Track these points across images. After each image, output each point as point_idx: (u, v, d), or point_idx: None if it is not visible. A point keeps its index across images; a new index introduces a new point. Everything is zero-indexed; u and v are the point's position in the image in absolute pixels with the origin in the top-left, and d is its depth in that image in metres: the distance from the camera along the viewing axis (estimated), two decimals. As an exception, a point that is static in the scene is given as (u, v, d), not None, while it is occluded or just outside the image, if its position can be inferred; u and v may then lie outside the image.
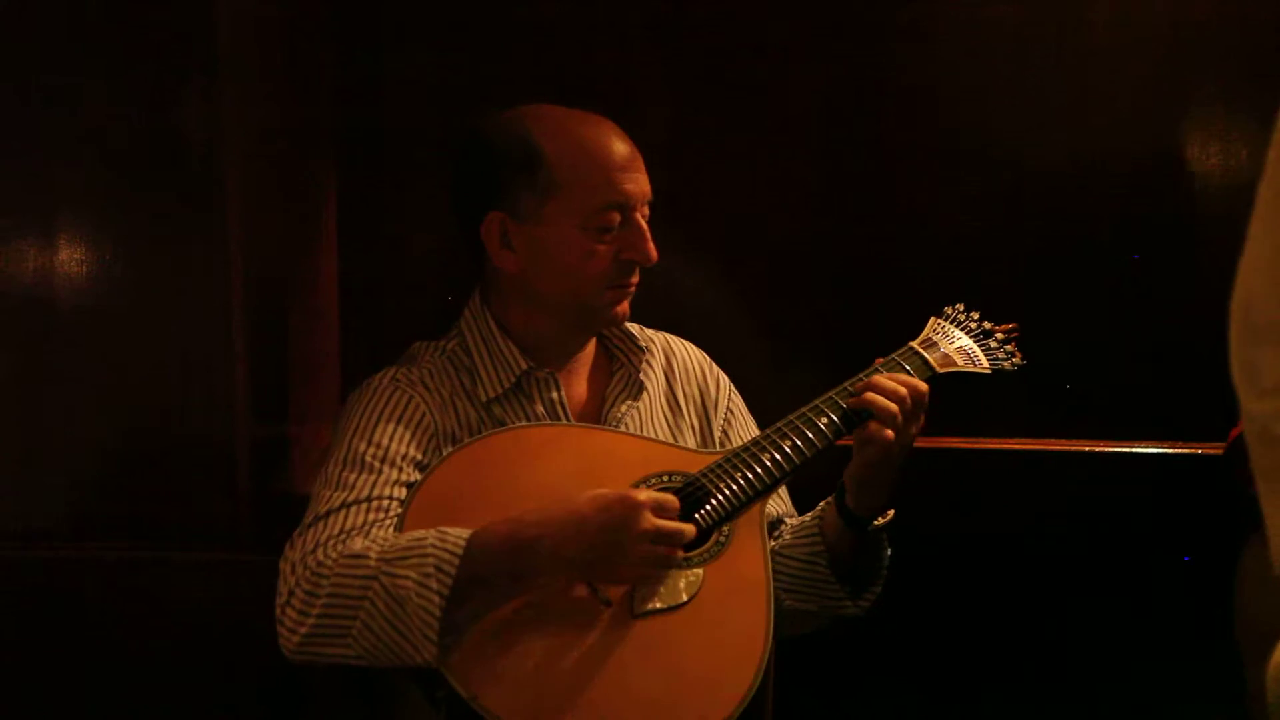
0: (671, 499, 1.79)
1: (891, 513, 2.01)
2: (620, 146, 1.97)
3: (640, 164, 1.99)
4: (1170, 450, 2.58)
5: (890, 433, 1.90)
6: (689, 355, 2.19)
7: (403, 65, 2.67)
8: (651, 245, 1.97)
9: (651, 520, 1.75)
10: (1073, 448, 2.60)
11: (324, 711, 2.32)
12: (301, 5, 2.54)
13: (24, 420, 2.34)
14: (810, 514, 2.09)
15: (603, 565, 1.76)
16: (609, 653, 1.76)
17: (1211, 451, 2.38)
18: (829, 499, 2.03)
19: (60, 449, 2.33)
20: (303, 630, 1.76)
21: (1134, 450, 2.59)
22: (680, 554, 1.80)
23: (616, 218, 1.95)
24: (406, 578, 1.71)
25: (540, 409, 2.00)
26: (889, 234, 2.68)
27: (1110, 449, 2.59)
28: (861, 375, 1.99)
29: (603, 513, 1.74)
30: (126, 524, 2.34)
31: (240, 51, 2.31)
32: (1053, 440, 2.62)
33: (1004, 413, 2.61)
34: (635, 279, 2.00)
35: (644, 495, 1.76)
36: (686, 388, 2.15)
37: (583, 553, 1.74)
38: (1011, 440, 2.62)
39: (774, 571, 1.91)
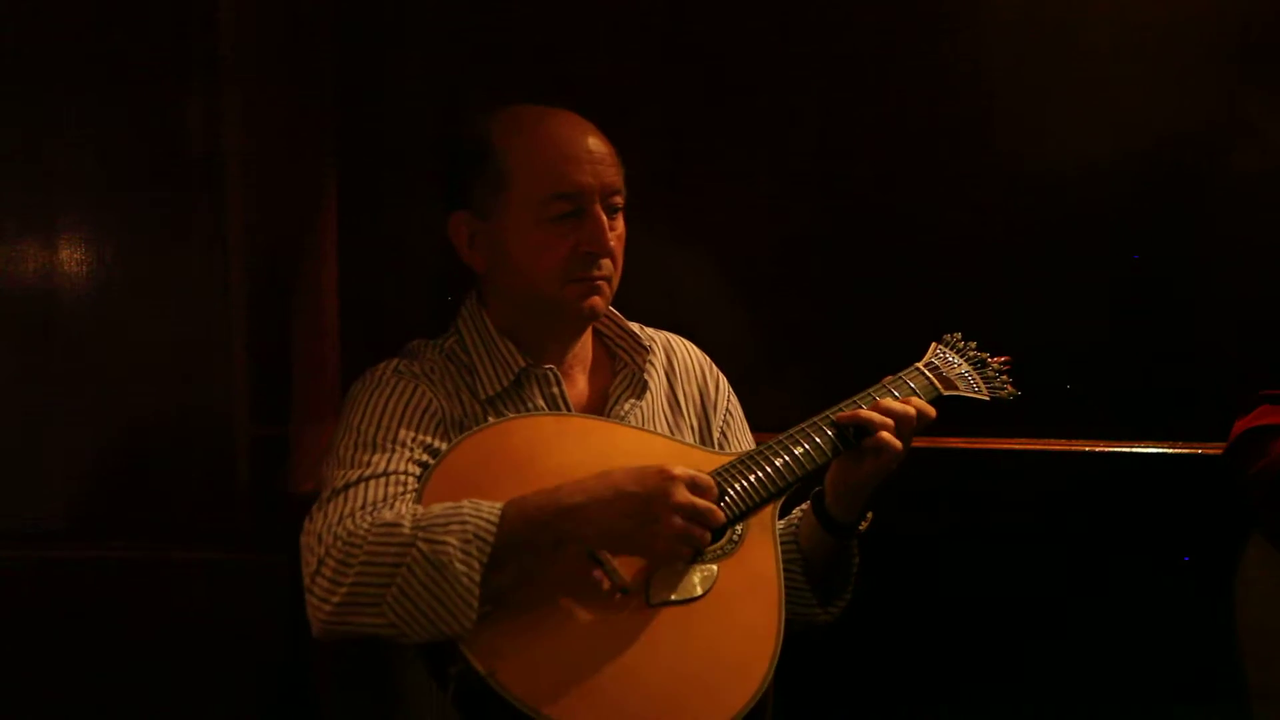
0: (708, 479, 1.79)
1: (870, 515, 2.02)
2: (576, 138, 1.96)
3: (603, 157, 1.97)
4: (1170, 450, 2.58)
5: (900, 445, 1.93)
6: (690, 355, 2.19)
7: (403, 66, 2.67)
8: (608, 237, 1.95)
9: (685, 494, 1.75)
10: (1073, 448, 2.60)
11: (325, 711, 2.32)
12: (302, 6, 2.54)
13: (24, 420, 2.33)
14: (783, 522, 2.09)
15: (636, 535, 1.76)
16: (624, 640, 1.77)
17: (1211, 451, 2.38)
18: (803, 507, 2.04)
19: (60, 449, 2.33)
20: (335, 599, 1.73)
21: (1134, 450, 2.59)
22: (709, 536, 1.80)
23: (567, 208, 1.94)
24: (446, 544, 1.69)
25: (541, 404, 2.00)
26: (889, 235, 2.68)
27: (1110, 449, 2.59)
28: (870, 391, 2.01)
29: (639, 482, 1.75)
30: (126, 524, 2.34)
31: (241, 52, 2.31)
32: (1053, 440, 2.62)
33: (1004, 413, 2.61)
34: (600, 272, 1.97)
35: (680, 470, 1.76)
36: (687, 387, 2.15)
37: (618, 521, 1.75)
38: (1011, 440, 2.62)
39: None
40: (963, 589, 2.59)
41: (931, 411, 1.99)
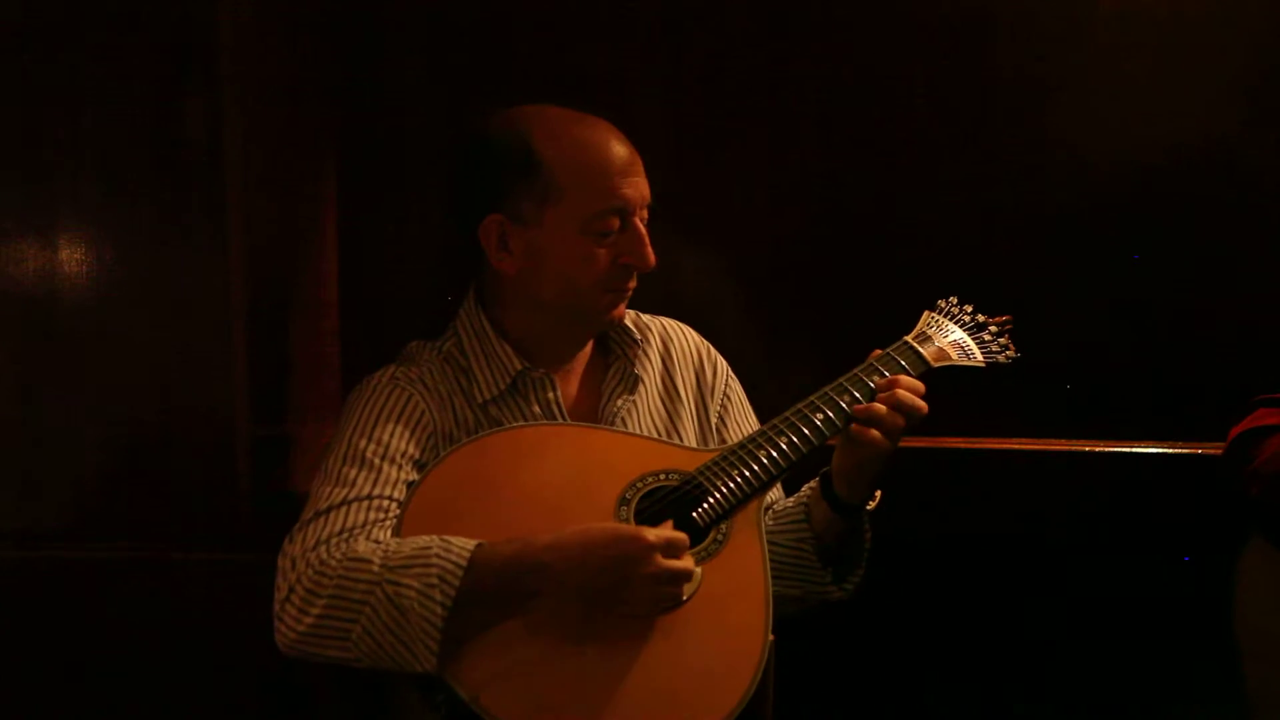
0: (681, 537, 1.78)
1: (879, 494, 2.01)
2: (620, 150, 1.97)
3: (639, 167, 1.98)
4: (1170, 450, 2.58)
5: (887, 441, 1.91)
6: (686, 340, 2.19)
7: (403, 65, 2.67)
8: (650, 250, 1.97)
9: (660, 563, 1.75)
10: (1073, 448, 2.60)
11: (324, 712, 2.32)
12: (302, 6, 2.54)
13: (24, 420, 2.34)
14: (794, 499, 2.09)
15: (606, 597, 1.76)
16: (608, 652, 1.76)
17: (1211, 451, 2.38)
18: (813, 484, 2.03)
19: (60, 449, 2.33)
20: (301, 628, 1.75)
21: (1134, 450, 2.59)
22: (682, 595, 1.80)
23: (616, 223, 1.95)
24: (410, 587, 1.71)
25: (536, 409, 2.00)
26: (888, 232, 2.68)
27: (1110, 449, 2.59)
28: (857, 371, 1.99)
29: (613, 547, 1.74)
30: (126, 524, 2.34)
31: (241, 52, 2.31)
32: (1053, 440, 2.61)
33: (1004, 413, 2.61)
34: (633, 283, 2.00)
35: (654, 536, 1.75)
36: (684, 374, 2.15)
37: (587, 583, 1.75)
38: (1011, 440, 2.62)
39: None
40: (962, 589, 2.59)
41: (920, 387, 1.96)
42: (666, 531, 1.78)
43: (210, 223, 2.30)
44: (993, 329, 2.13)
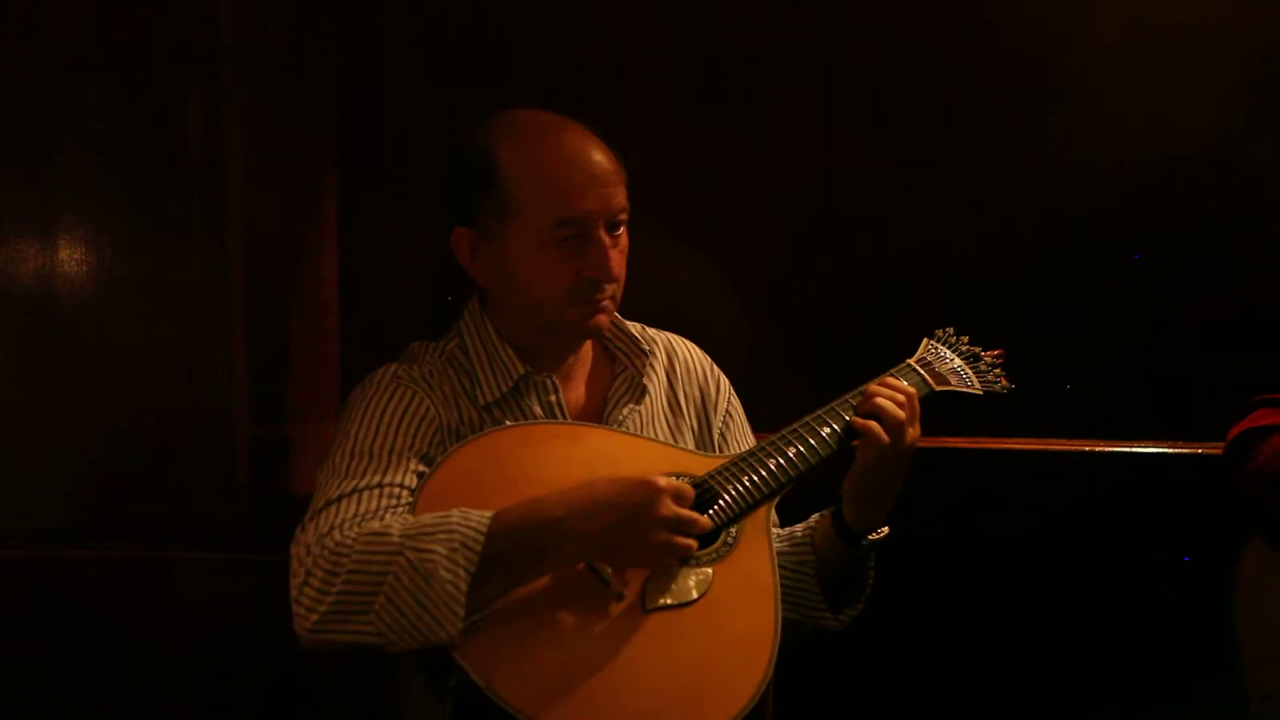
0: (688, 488, 1.80)
1: (885, 530, 2.02)
2: (581, 158, 1.94)
3: (607, 175, 1.95)
4: (1170, 450, 2.58)
5: (887, 436, 1.91)
6: (691, 356, 2.19)
7: (403, 66, 2.67)
8: (612, 263, 1.94)
9: (670, 506, 1.76)
10: (1073, 448, 2.60)
11: (324, 712, 2.32)
12: (303, 7, 2.55)
13: (24, 420, 2.34)
14: (802, 524, 2.09)
15: (620, 547, 1.76)
16: (621, 646, 1.76)
17: (1211, 451, 2.38)
18: (824, 511, 2.04)
19: (60, 449, 2.33)
20: (322, 609, 1.73)
21: (1134, 450, 2.59)
22: (695, 545, 1.81)
23: (572, 232, 1.93)
24: (434, 551, 1.70)
25: (539, 411, 2.00)
26: (888, 236, 2.68)
27: (1110, 449, 2.59)
28: (862, 389, 2.00)
29: (622, 494, 1.76)
30: (126, 524, 2.34)
31: (241, 52, 2.31)
32: (1053, 440, 2.62)
33: (1004, 413, 2.61)
34: (603, 295, 1.97)
35: (664, 481, 1.77)
36: (688, 388, 2.15)
37: (601, 533, 1.75)
38: (1011, 440, 2.62)
39: None
40: (962, 589, 2.59)
41: (914, 394, 1.97)
42: (674, 480, 1.79)
43: (210, 223, 2.30)
44: (987, 360, 2.15)
